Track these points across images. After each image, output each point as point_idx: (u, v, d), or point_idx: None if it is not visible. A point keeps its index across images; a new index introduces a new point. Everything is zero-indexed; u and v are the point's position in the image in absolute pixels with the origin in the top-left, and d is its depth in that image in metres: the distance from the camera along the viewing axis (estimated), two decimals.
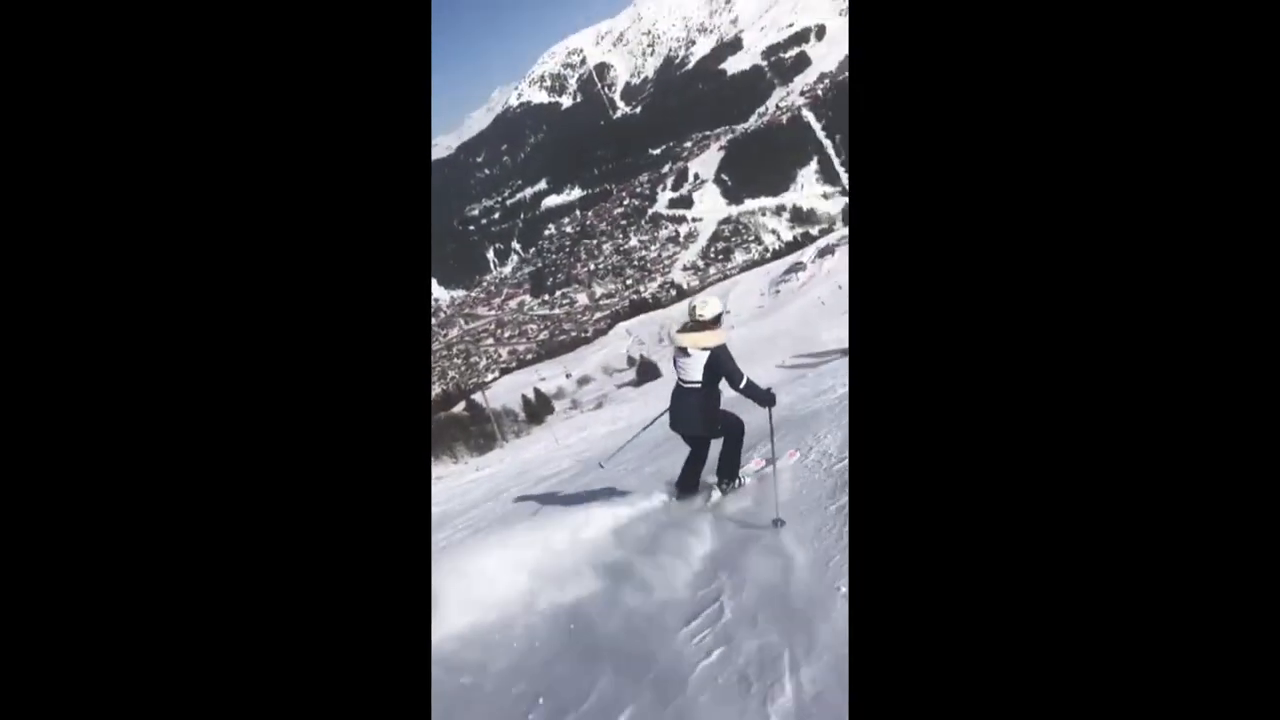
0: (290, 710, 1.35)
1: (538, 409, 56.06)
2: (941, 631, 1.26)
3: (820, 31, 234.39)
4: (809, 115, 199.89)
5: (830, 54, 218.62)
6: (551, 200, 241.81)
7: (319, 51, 1.44)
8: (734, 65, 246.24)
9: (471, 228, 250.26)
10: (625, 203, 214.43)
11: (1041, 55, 1.29)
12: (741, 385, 3.62)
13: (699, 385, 3.66)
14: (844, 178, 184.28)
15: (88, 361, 1.33)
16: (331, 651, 1.38)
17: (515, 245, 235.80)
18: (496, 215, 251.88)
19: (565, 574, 3.15)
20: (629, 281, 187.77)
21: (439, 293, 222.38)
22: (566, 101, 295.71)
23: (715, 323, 3.72)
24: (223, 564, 1.35)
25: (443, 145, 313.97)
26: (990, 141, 1.32)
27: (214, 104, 1.39)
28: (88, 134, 1.35)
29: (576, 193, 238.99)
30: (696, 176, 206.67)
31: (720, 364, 3.59)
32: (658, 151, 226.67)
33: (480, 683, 2.49)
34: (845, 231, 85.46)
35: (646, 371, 44.67)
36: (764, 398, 3.73)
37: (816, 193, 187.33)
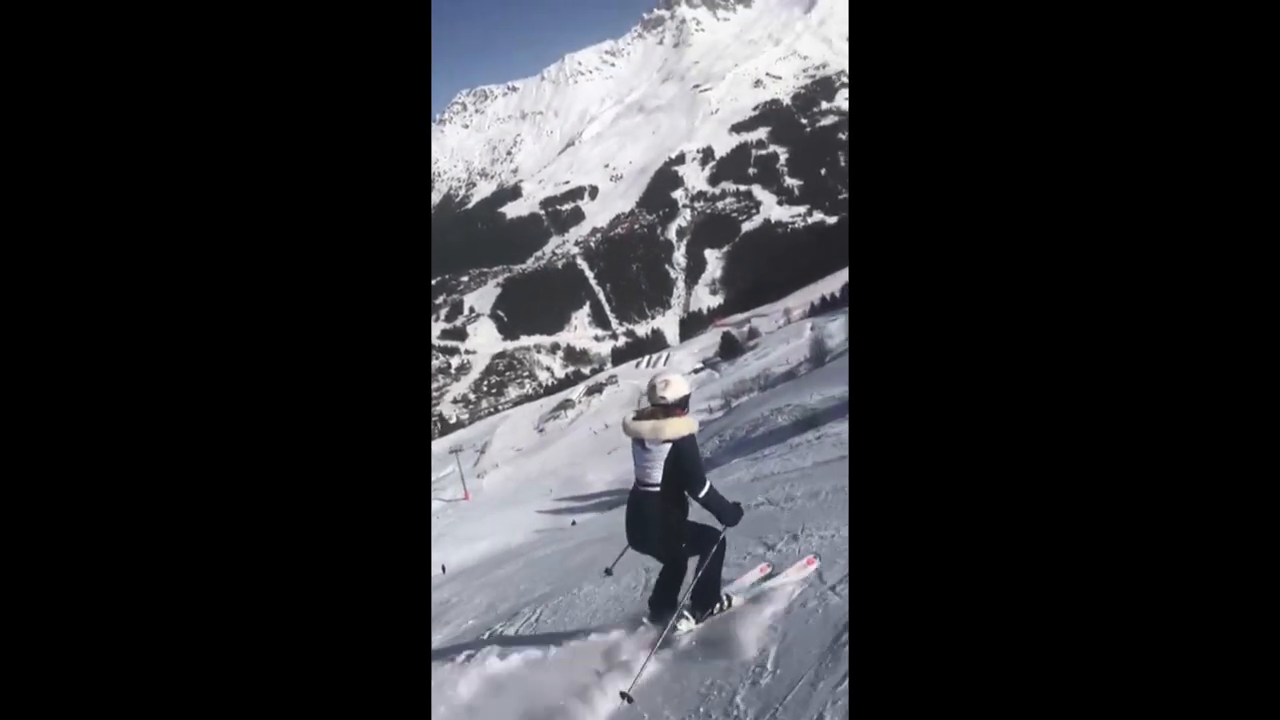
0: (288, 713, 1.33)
1: None
2: (942, 656, 1.24)
3: (594, 191, 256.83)
4: (583, 264, 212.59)
5: (602, 211, 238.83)
6: None
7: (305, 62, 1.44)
8: (513, 210, 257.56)
9: None
10: None
11: (1041, 63, 1.28)
12: (702, 494, 2.81)
13: (657, 489, 2.83)
14: (614, 323, 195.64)
15: (86, 365, 1.32)
16: (329, 655, 1.36)
17: None
18: None
19: None
20: None
21: None
22: None
23: (681, 406, 2.92)
24: (214, 570, 1.34)
25: None
26: (989, 151, 1.30)
27: (206, 116, 1.38)
28: (83, 130, 1.33)
29: None
30: (472, 310, 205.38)
31: (681, 460, 2.79)
32: (432, 282, 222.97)
33: None
34: (613, 371, 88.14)
35: None
36: (728, 513, 2.91)
37: (589, 335, 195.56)
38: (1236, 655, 1.13)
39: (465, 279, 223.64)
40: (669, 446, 2.79)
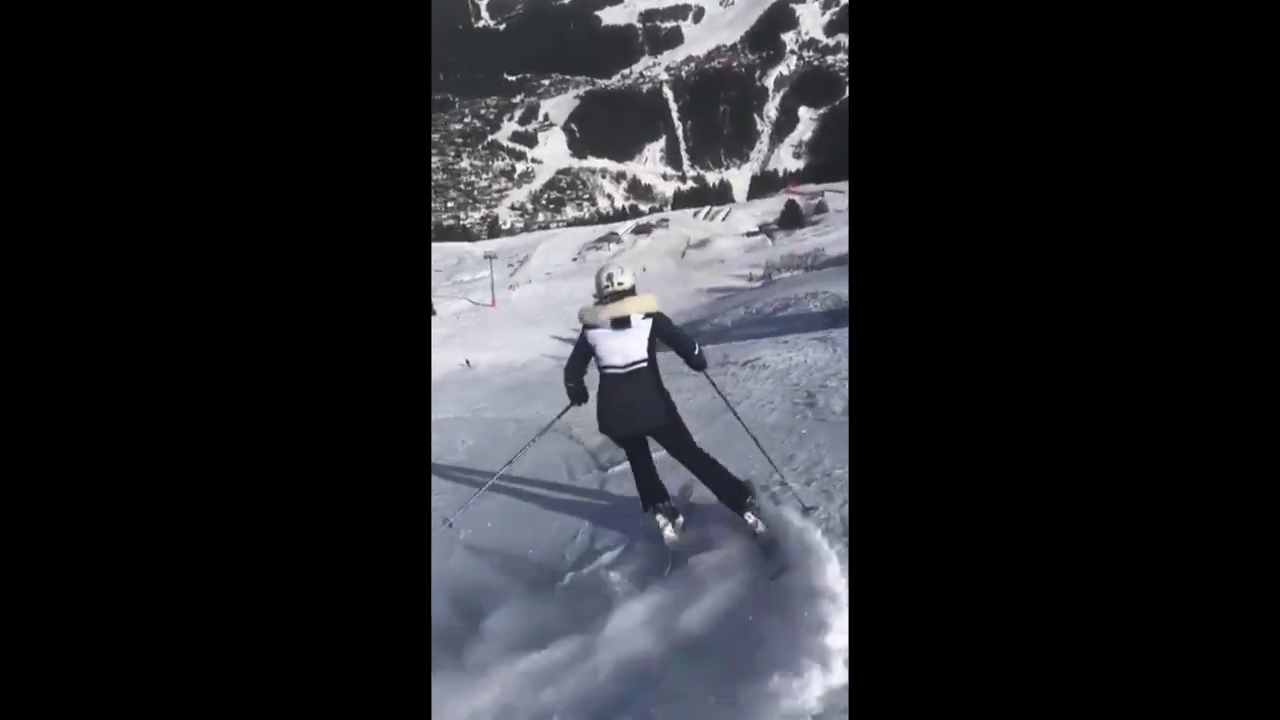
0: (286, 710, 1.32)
1: None
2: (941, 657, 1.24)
3: (699, 14, 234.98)
4: (669, 93, 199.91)
5: (702, 39, 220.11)
6: None
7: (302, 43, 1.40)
8: (610, 17, 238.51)
9: None
10: (465, 120, 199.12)
11: (1041, 62, 1.28)
12: (697, 351, 3.05)
13: (645, 364, 2.90)
14: (686, 164, 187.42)
15: (87, 359, 1.32)
16: (328, 650, 1.35)
17: None
18: None
19: None
20: (449, 204, 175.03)
21: None
22: None
23: (634, 290, 3.05)
24: (214, 563, 1.33)
25: None
26: (989, 147, 1.30)
27: (205, 103, 1.37)
28: (78, 125, 1.33)
29: None
30: (546, 117, 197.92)
31: (671, 328, 2.97)
32: (513, 79, 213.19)
33: None
34: (668, 214, 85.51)
35: None
36: (700, 360, 3.11)
37: (657, 171, 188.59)
38: (1236, 655, 1.13)
39: (546, 82, 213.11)
40: (649, 323, 2.90)
